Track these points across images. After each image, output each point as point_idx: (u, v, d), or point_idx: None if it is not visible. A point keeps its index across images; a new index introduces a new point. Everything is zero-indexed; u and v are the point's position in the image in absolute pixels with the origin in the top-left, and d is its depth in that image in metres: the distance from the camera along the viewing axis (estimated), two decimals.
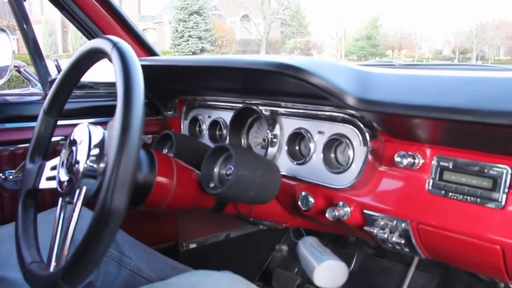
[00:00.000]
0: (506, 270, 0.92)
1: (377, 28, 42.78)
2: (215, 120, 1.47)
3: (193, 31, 31.31)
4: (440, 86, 0.87)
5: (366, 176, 1.05)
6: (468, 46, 40.20)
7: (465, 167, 0.91)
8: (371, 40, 41.75)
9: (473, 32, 38.93)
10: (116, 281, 1.11)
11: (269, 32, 35.47)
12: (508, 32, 38.85)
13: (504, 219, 0.86)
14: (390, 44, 43.87)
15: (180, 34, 31.48)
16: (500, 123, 0.72)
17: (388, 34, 44.72)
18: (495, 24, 39.21)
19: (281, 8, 38.20)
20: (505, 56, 40.76)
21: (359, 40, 42.44)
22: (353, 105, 0.92)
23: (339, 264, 0.83)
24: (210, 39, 32.46)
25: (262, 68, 0.99)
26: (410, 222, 1.00)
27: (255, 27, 35.89)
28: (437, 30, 60.91)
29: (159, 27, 36.65)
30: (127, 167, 0.73)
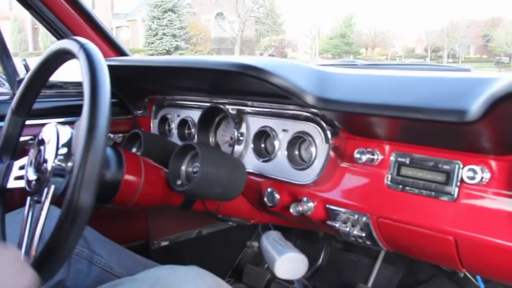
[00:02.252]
0: (460, 260, 0.96)
1: (351, 26, 43.10)
2: (184, 119, 1.49)
3: (167, 29, 31.09)
4: (395, 86, 0.90)
5: (328, 172, 1.09)
6: (440, 44, 40.81)
7: (421, 163, 0.95)
8: (345, 38, 42.04)
9: (444, 31, 39.56)
10: (87, 279, 1.12)
11: (244, 30, 35.46)
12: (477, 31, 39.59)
13: (456, 211, 0.90)
14: (364, 43, 44.27)
15: (154, 32, 31.24)
16: (448, 120, 0.76)
17: (362, 32, 45.11)
18: (465, 24, 39.93)
19: (255, 6, 38.21)
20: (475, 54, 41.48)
21: (333, 38, 42.69)
22: (312, 104, 0.95)
23: (299, 256, 0.86)
24: (184, 37, 32.29)
25: (226, 69, 1.02)
26: (370, 216, 1.04)
27: (229, 25, 35.81)
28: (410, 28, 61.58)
29: (132, 25, 36.28)
30: (93, 165, 0.75)
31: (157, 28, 31.14)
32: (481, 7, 59.86)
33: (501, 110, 0.68)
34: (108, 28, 1.62)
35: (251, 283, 1.85)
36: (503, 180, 0.86)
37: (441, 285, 1.66)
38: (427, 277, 1.72)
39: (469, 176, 0.87)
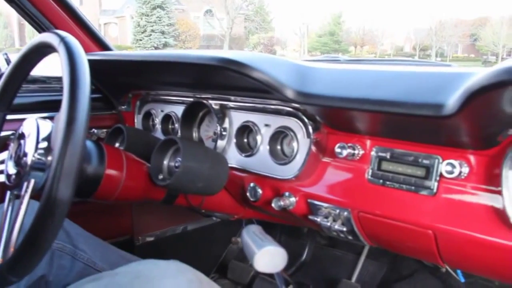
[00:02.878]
0: (439, 254, 0.97)
1: (340, 24, 43.24)
2: (168, 114, 1.49)
3: (156, 25, 30.97)
4: (374, 80, 0.91)
5: (309, 167, 1.09)
6: (428, 43, 41.10)
7: (401, 157, 0.96)
8: (334, 36, 42.17)
9: (433, 29, 39.85)
10: (69, 275, 1.11)
11: (233, 27, 35.42)
12: (465, 31, 39.95)
13: (436, 205, 0.91)
14: (352, 41, 44.44)
15: (142, 29, 31.10)
16: (426, 114, 0.77)
17: (350, 30, 45.28)
18: (453, 23, 40.26)
19: (244, 4, 38.20)
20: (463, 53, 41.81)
21: (322, 36, 42.81)
22: (292, 98, 0.96)
23: (278, 250, 0.86)
24: (173, 34, 32.18)
25: (207, 63, 1.02)
26: (351, 210, 1.04)
27: (218, 22, 35.77)
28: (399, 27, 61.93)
29: (120, 21, 36.09)
30: (72, 158, 0.74)
31: (145, 24, 31.02)
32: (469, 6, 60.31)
33: (476, 103, 0.68)
34: (91, 23, 1.61)
35: (236, 279, 1.86)
36: (482, 175, 0.86)
37: (424, 280, 1.68)
38: (410, 272, 1.73)
39: (447, 171, 0.88)
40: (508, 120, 0.74)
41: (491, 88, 0.63)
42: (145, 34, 30.97)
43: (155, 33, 30.88)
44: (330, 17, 43.64)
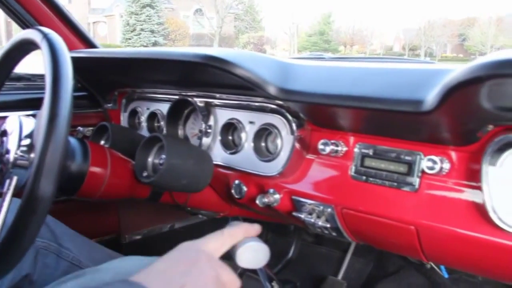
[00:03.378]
0: (421, 249, 0.98)
1: (329, 24, 43.36)
2: (153, 112, 1.48)
3: (145, 24, 30.86)
4: (356, 77, 0.92)
5: (293, 164, 1.10)
6: (417, 43, 41.32)
7: (384, 154, 0.97)
8: (324, 35, 42.26)
9: (422, 29, 40.09)
10: (54, 273, 1.11)
11: (222, 26, 35.41)
12: (453, 31, 40.24)
13: (418, 201, 0.92)
14: (342, 40, 44.56)
15: (131, 28, 30.97)
16: (405, 110, 0.77)
17: (340, 30, 45.40)
18: (442, 23, 40.54)
19: (234, 3, 38.19)
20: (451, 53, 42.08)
21: (312, 35, 42.89)
22: (274, 95, 0.96)
23: (261, 245, 0.86)
24: (163, 32, 32.09)
25: (190, 60, 1.02)
26: (335, 206, 1.05)
27: (208, 22, 35.74)
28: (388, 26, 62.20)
29: (110, 20, 35.92)
30: (54, 154, 0.74)
31: (135, 23, 30.90)
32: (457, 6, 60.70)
33: (455, 99, 0.69)
34: (77, 20, 1.60)
35: None
36: (463, 171, 0.87)
37: (409, 276, 1.69)
38: (395, 269, 1.75)
39: (428, 166, 0.88)
40: (486, 116, 0.75)
41: (468, 84, 0.64)
42: (134, 33, 30.85)
43: (144, 32, 30.77)
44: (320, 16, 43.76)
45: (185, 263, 0.72)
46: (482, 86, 0.63)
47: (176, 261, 0.74)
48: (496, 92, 0.65)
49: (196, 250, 0.77)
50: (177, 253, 0.76)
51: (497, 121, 0.77)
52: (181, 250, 0.76)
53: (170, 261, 0.74)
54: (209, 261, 0.76)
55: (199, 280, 0.70)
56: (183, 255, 0.75)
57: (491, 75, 0.59)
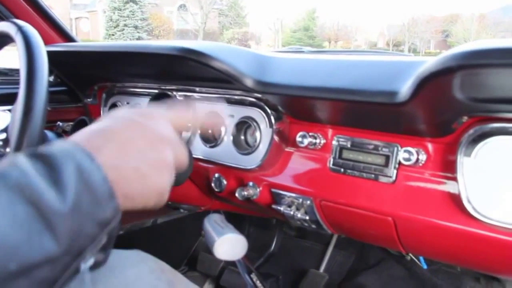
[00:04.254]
0: (399, 240, 0.99)
1: (314, 19, 43.41)
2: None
3: (128, 20, 30.63)
4: (332, 69, 0.92)
5: (272, 157, 1.10)
6: (401, 39, 41.56)
7: (362, 146, 0.97)
8: (308, 31, 42.32)
9: (406, 25, 40.34)
10: None
11: (206, 22, 35.28)
12: (437, 27, 40.56)
13: (395, 192, 0.93)
14: (327, 36, 44.62)
15: (115, 23, 30.71)
16: (380, 101, 0.78)
17: (325, 26, 45.46)
18: (425, 19, 40.85)
19: None
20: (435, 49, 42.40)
21: (296, 31, 42.92)
22: (251, 87, 0.96)
23: (238, 237, 0.87)
24: (146, 28, 31.87)
25: (167, 53, 1.02)
26: (313, 199, 1.06)
27: (192, 17, 35.57)
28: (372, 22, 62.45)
29: (92, 16, 35.56)
30: (29, 148, 0.74)
31: (118, 19, 30.64)
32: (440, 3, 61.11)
33: (428, 90, 0.70)
34: (55, 14, 1.58)
35: (205, 271, 1.86)
36: (439, 162, 0.88)
37: (390, 268, 1.71)
38: (376, 261, 1.76)
39: (405, 158, 0.89)
40: (460, 107, 0.76)
41: (439, 74, 0.64)
42: (117, 29, 30.60)
43: (128, 28, 30.54)
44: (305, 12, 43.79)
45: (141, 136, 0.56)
46: (454, 76, 0.63)
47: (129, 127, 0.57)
48: (468, 83, 0.66)
49: None
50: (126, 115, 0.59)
51: (472, 113, 0.78)
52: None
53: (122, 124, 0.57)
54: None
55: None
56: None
57: (462, 66, 0.60)
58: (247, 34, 39.43)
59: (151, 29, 32.34)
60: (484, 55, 0.57)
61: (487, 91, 0.69)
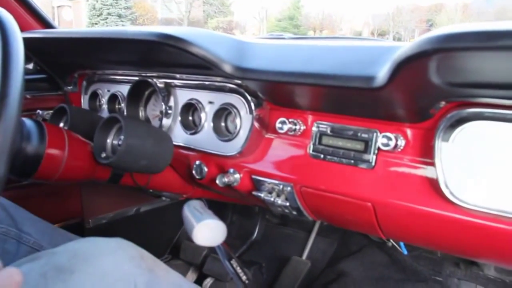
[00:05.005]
0: (379, 226, 1.00)
1: (299, 8, 43.27)
2: (114, 94, 1.46)
3: (112, 8, 30.26)
4: (311, 54, 0.92)
5: (253, 143, 1.10)
6: (386, 28, 41.65)
7: (341, 132, 0.98)
8: (293, 20, 42.18)
9: (390, 15, 40.44)
10: (15, 259, 1.08)
11: (191, 11, 35.03)
12: (421, 16, 40.71)
13: (374, 178, 0.94)
14: (312, 25, 44.54)
15: (98, 12, 30.33)
16: (358, 86, 0.78)
17: (310, 15, 45.34)
18: (410, 8, 40.96)
19: None
20: None
21: (281, 20, 42.75)
22: (230, 73, 0.96)
23: (217, 223, 0.87)
24: (130, 17, 31.52)
25: (145, 39, 1.01)
26: (294, 185, 1.06)
27: (176, 6, 35.27)
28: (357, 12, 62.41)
29: (75, 4, 35.01)
30: (5, 135, 0.72)
31: (101, 7, 30.25)
32: None
33: (404, 74, 0.70)
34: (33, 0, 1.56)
35: (188, 259, 1.86)
36: (418, 147, 0.89)
37: (371, 254, 1.72)
38: (358, 247, 1.78)
39: (383, 143, 0.90)
40: (437, 92, 0.76)
41: (415, 58, 0.65)
42: (101, 18, 30.22)
43: (111, 17, 30.18)
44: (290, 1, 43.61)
45: None
46: (430, 60, 0.64)
47: None
48: (444, 67, 0.66)
49: None
50: None
51: (449, 98, 0.78)
52: None
53: None
54: None
55: None
56: None
57: (437, 49, 0.60)
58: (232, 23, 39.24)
59: (135, 18, 32.00)
60: (458, 38, 0.57)
61: (463, 75, 0.69)
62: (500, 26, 0.55)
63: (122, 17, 30.68)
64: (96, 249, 0.89)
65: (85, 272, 0.83)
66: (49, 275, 0.82)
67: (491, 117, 0.76)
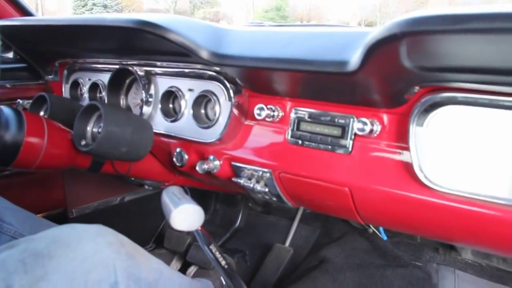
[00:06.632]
0: (357, 210, 1.01)
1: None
2: (95, 83, 1.46)
3: None
4: (286, 40, 0.93)
5: (232, 130, 1.11)
6: (373, 19, 41.69)
7: (319, 118, 0.99)
8: (280, 11, 42.03)
9: (377, 6, 40.47)
10: None
11: (177, 1, 34.77)
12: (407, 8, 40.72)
13: (351, 163, 0.95)
14: (299, 16, 44.41)
15: (83, 3, 29.99)
16: (332, 71, 0.79)
17: (297, 5, 45.18)
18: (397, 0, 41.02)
19: None
20: None
21: (268, 11, 42.58)
22: (207, 59, 0.96)
23: (195, 207, 0.88)
24: (116, 8, 31.21)
25: (123, 25, 1.00)
26: (273, 171, 1.07)
27: None
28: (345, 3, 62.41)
29: None
30: None
31: None
32: None
33: (376, 58, 0.71)
34: None
35: (172, 248, 1.87)
36: (393, 132, 0.90)
37: (353, 241, 1.74)
38: (340, 234, 1.80)
39: (359, 128, 0.91)
40: (411, 77, 0.77)
41: (385, 42, 0.65)
42: (86, 8, 29.89)
43: (96, 7, 29.86)
44: None
45: None
46: (400, 44, 0.64)
47: None
48: (415, 51, 0.67)
49: None
50: None
51: (422, 82, 0.79)
52: None
53: None
54: None
55: None
56: None
57: (405, 32, 0.61)
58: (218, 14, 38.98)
59: (120, 9, 31.70)
60: (425, 21, 0.58)
61: (434, 59, 0.70)
62: (467, 10, 0.56)
63: (108, 7, 30.37)
64: (75, 235, 0.89)
65: (64, 257, 0.84)
66: (28, 261, 0.82)
67: (464, 102, 0.77)
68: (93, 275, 0.83)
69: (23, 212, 1.21)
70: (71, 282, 0.80)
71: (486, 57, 0.64)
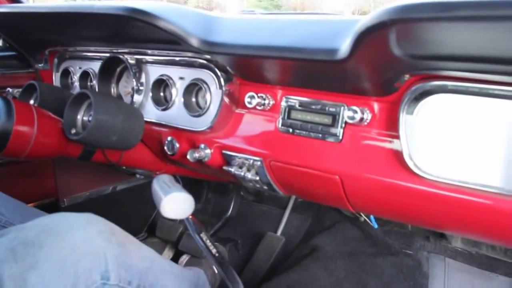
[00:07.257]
0: (347, 198, 1.01)
1: None
2: (86, 71, 1.45)
3: None
4: (277, 28, 0.92)
5: (223, 118, 1.10)
6: (366, 9, 41.61)
7: (310, 106, 0.98)
8: (274, 0, 41.85)
9: None
10: None
11: None
12: None
13: (341, 151, 0.95)
14: (292, 5, 44.15)
15: None
16: (322, 59, 0.79)
17: None
18: None
19: None
20: None
21: (262, 0, 42.43)
22: (197, 47, 0.96)
23: (185, 196, 0.87)
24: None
25: (112, 13, 0.99)
26: (263, 159, 1.07)
27: None
28: None
29: None
30: None
31: None
32: None
33: (366, 46, 0.71)
34: None
35: (164, 237, 1.87)
36: (384, 121, 0.90)
37: (344, 229, 1.75)
38: (331, 223, 1.80)
39: (349, 116, 0.91)
40: (401, 65, 0.77)
41: (374, 29, 0.65)
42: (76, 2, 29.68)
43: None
44: None
45: None
46: (389, 31, 0.64)
47: None
48: (404, 38, 0.67)
49: None
50: None
51: (412, 70, 0.79)
52: None
53: None
54: None
55: None
56: None
57: (394, 20, 0.61)
58: (212, 3, 38.73)
59: None
60: (414, 9, 0.58)
61: (423, 47, 0.70)
62: None
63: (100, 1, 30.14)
64: (66, 223, 0.89)
65: (54, 246, 0.83)
66: (18, 249, 0.82)
67: (454, 90, 0.77)
68: (83, 263, 0.83)
69: (13, 201, 1.20)
70: (61, 271, 0.80)
71: (476, 45, 0.64)
